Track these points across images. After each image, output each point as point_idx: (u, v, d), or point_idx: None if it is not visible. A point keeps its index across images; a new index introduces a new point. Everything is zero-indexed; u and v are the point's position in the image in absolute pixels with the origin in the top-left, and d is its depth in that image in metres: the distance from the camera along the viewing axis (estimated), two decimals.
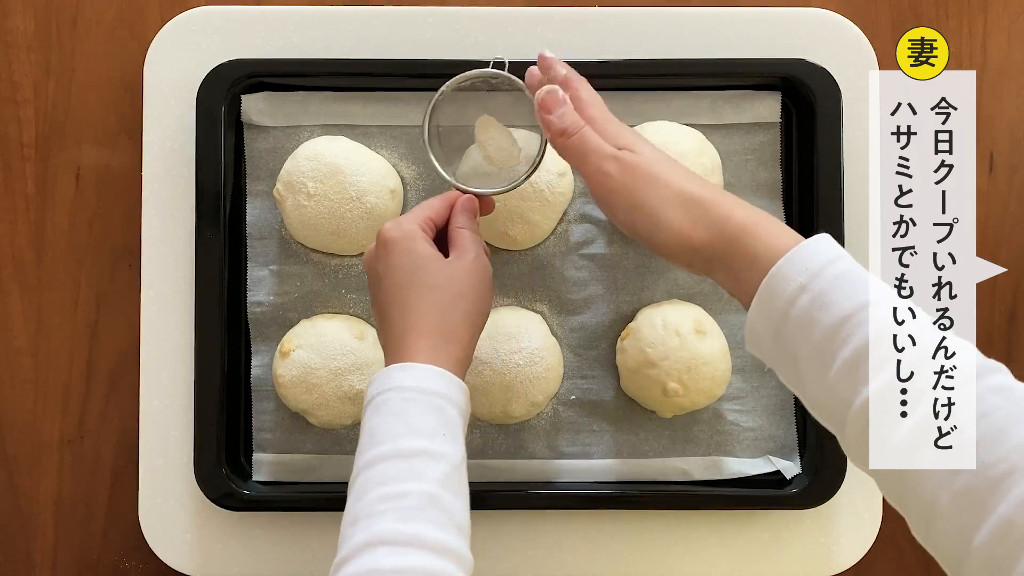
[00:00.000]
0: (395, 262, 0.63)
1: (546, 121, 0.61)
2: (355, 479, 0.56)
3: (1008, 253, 0.83)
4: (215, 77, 0.77)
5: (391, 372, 0.59)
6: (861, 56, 0.80)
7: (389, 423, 0.57)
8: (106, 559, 0.82)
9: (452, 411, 0.58)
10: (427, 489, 0.54)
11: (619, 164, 0.59)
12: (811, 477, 0.76)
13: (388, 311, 0.62)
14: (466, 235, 0.65)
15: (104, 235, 0.82)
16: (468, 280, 0.63)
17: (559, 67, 0.64)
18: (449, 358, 0.60)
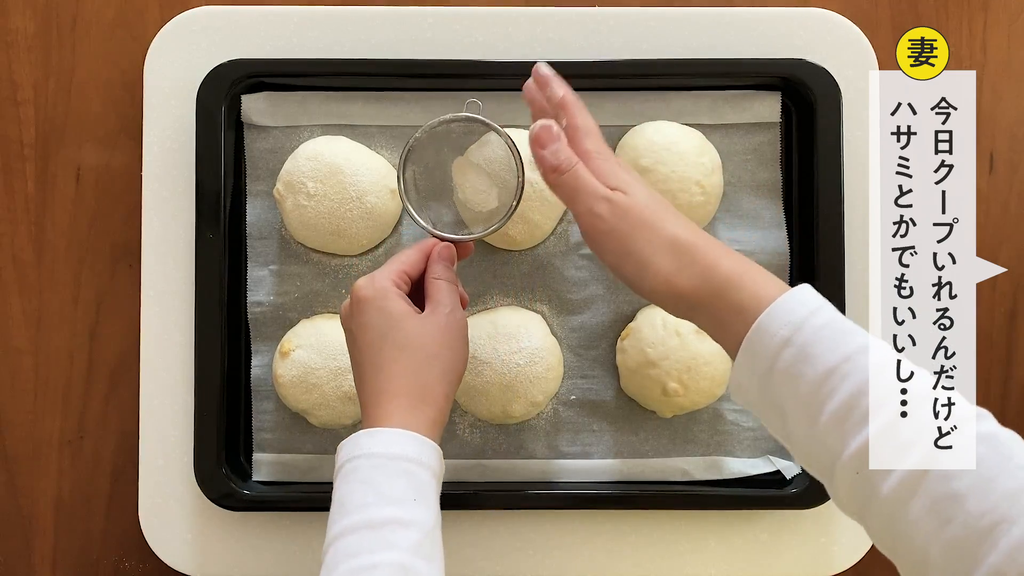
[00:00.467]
0: (367, 321, 0.62)
1: (539, 156, 0.60)
2: (326, 551, 0.56)
3: (1008, 253, 0.83)
4: (215, 77, 0.77)
5: (359, 439, 0.59)
6: (861, 56, 0.80)
7: (358, 492, 0.56)
8: (106, 559, 0.82)
9: (424, 474, 0.57)
10: (398, 559, 0.54)
11: (611, 206, 0.58)
12: (811, 477, 0.76)
13: (362, 371, 0.62)
14: (442, 287, 0.64)
15: (104, 235, 0.82)
16: (442, 338, 0.62)
17: (557, 87, 0.63)
18: (424, 419, 0.59)
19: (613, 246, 0.58)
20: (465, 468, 0.79)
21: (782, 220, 0.80)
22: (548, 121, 0.60)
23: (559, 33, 0.80)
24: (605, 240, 0.58)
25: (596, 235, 0.58)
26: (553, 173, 0.59)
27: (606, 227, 0.57)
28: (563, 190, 0.59)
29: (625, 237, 0.57)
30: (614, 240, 0.57)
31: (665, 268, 0.56)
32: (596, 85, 0.79)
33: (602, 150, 0.60)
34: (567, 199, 0.59)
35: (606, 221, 0.57)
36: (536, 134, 0.60)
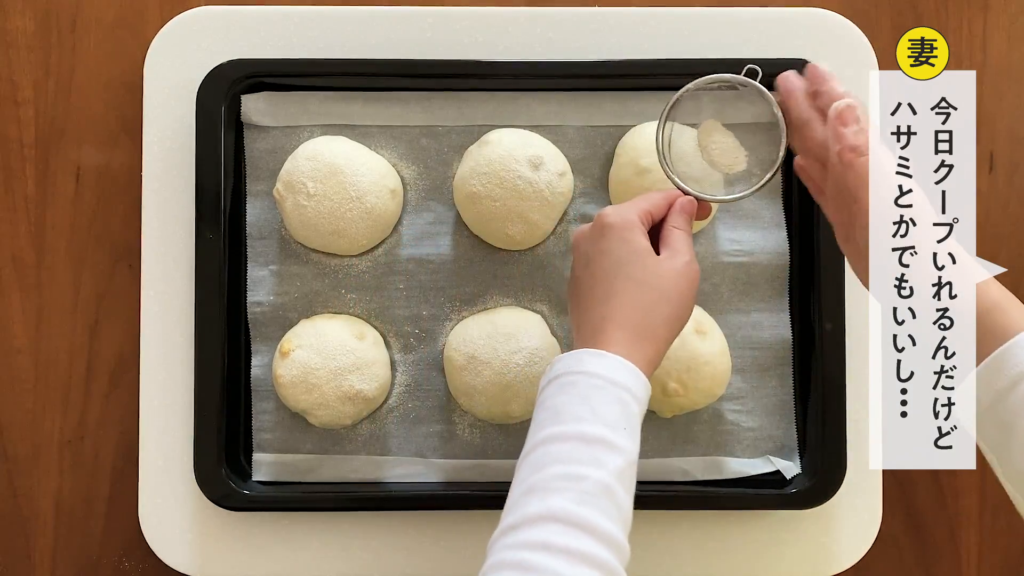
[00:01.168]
0: (608, 248, 0.63)
1: (839, 133, 0.60)
2: (533, 449, 0.57)
3: (1008, 253, 0.83)
4: (215, 77, 0.77)
5: (583, 356, 0.59)
6: (861, 56, 0.80)
7: (575, 405, 0.57)
8: (106, 559, 0.82)
9: (635, 407, 0.58)
10: (604, 478, 0.54)
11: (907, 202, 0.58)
12: (811, 477, 0.76)
13: (591, 295, 0.63)
14: (681, 236, 0.65)
15: (104, 235, 0.82)
16: (677, 283, 0.62)
17: (838, 83, 0.63)
18: (643, 356, 0.60)
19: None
20: (465, 468, 0.79)
21: (782, 220, 0.80)
22: (853, 100, 0.61)
23: (559, 33, 0.80)
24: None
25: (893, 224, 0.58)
26: (851, 152, 0.59)
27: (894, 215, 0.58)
28: (858, 171, 0.59)
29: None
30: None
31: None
32: (596, 85, 0.79)
33: (885, 145, 0.61)
34: (860, 183, 0.59)
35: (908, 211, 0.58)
36: (841, 111, 0.60)
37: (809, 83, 0.65)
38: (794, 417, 0.79)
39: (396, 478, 0.79)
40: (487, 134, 0.77)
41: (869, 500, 0.79)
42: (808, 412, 0.78)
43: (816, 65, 0.64)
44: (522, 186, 0.74)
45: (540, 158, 0.75)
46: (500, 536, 0.54)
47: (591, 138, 0.79)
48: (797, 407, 0.79)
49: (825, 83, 0.63)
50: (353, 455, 0.79)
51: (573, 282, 0.66)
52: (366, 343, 0.77)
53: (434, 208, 0.80)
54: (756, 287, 0.79)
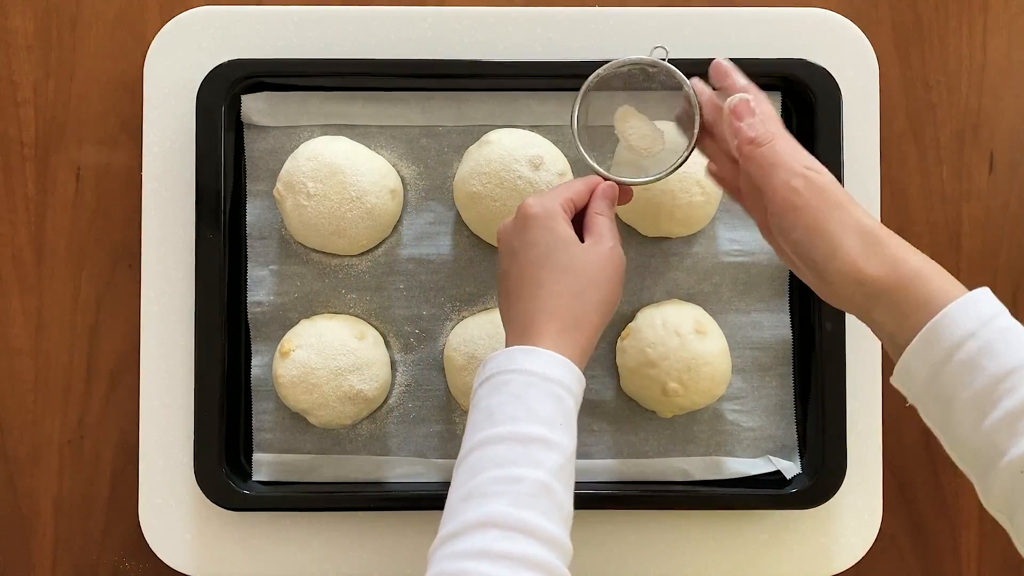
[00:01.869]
0: (533, 239, 0.62)
1: (735, 128, 0.61)
2: (468, 453, 0.56)
3: (1008, 253, 0.83)
4: (215, 77, 0.77)
5: (514, 353, 0.59)
6: (861, 56, 0.80)
7: (509, 405, 0.57)
8: (106, 559, 0.82)
9: (570, 401, 0.58)
10: (541, 478, 0.54)
11: (807, 182, 0.58)
12: (811, 477, 0.76)
13: (519, 288, 0.62)
14: (604, 222, 0.65)
15: (104, 235, 0.82)
16: (604, 269, 0.62)
17: (738, 76, 0.64)
18: (574, 346, 0.60)
19: (805, 222, 0.58)
20: None
21: None
22: (746, 95, 0.61)
23: (559, 33, 0.80)
24: (798, 216, 0.58)
25: (789, 210, 0.58)
26: (750, 145, 0.60)
27: (802, 202, 0.58)
28: (759, 162, 0.60)
29: (819, 215, 0.57)
30: (807, 217, 0.58)
31: (854, 251, 0.56)
32: None
33: (786, 133, 0.61)
34: (761, 172, 0.59)
35: (802, 196, 0.58)
36: (735, 107, 0.61)
37: (712, 79, 0.65)
38: (794, 417, 0.79)
39: (396, 478, 0.79)
40: (487, 134, 0.77)
41: (869, 500, 0.79)
42: (808, 412, 0.78)
43: (719, 61, 0.65)
44: (522, 186, 0.74)
45: (540, 158, 0.75)
46: (440, 545, 0.53)
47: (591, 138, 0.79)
48: (797, 407, 0.79)
49: (726, 78, 0.64)
50: (353, 455, 0.79)
51: (500, 277, 0.65)
52: (366, 343, 0.77)
53: (434, 208, 0.80)
54: (756, 287, 0.79)
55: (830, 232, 0.57)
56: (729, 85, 0.64)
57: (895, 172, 0.82)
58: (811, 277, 0.59)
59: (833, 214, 0.57)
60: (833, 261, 0.57)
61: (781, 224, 0.59)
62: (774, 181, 0.59)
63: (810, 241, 0.57)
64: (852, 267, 0.56)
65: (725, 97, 0.63)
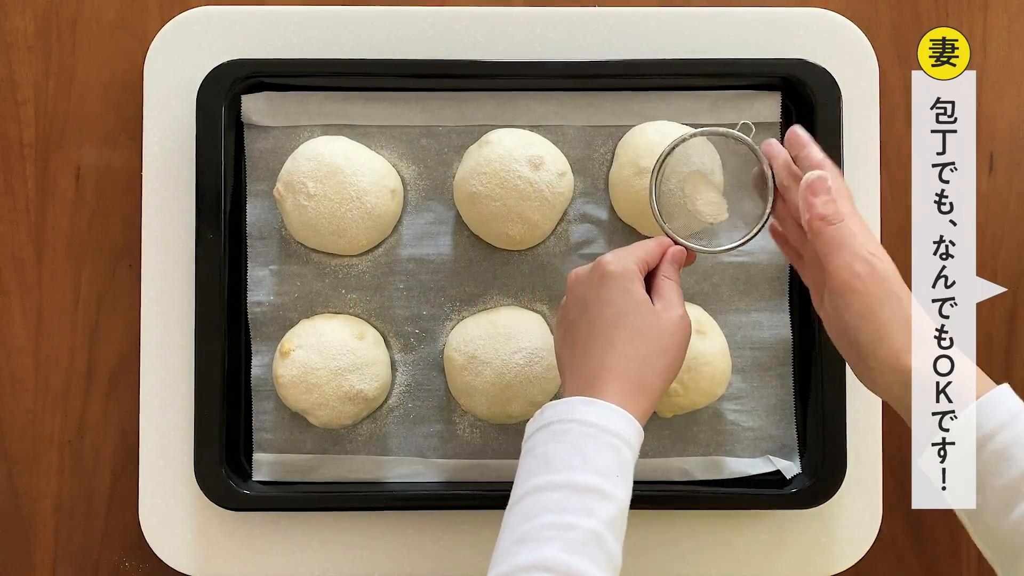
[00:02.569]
0: (610, 297, 0.63)
1: (810, 203, 0.62)
2: (523, 498, 0.57)
3: (1008, 253, 0.83)
4: (215, 77, 0.77)
5: (575, 404, 0.60)
6: (861, 56, 0.80)
7: (566, 453, 0.57)
8: (106, 559, 0.82)
9: (627, 454, 0.59)
10: (595, 527, 0.55)
11: (870, 269, 0.59)
12: (811, 477, 0.76)
13: (587, 342, 0.63)
14: (673, 287, 0.65)
15: (104, 235, 0.82)
16: (674, 337, 0.63)
17: (815, 149, 0.65)
18: (637, 407, 0.60)
19: (859, 307, 0.59)
20: (465, 468, 0.79)
21: None
22: (823, 172, 0.63)
23: (559, 33, 0.80)
24: (853, 299, 0.59)
25: (847, 292, 0.60)
26: (821, 222, 0.61)
27: (861, 287, 0.59)
28: (826, 240, 0.61)
29: (875, 302, 0.59)
30: (863, 302, 0.59)
31: (899, 343, 0.58)
32: (596, 85, 0.79)
33: (857, 213, 0.62)
34: (828, 250, 0.61)
35: (863, 282, 0.59)
36: (811, 183, 0.62)
37: (789, 147, 0.66)
38: (794, 417, 0.79)
39: (396, 478, 0.79)
40: (487, 134, 0.77)
41: (869, 500, 0.79)
42: (808, 412, 0.78)
43: (796, 130, 0.66)
44: (522, 186, 0.74)
45: (540, 158, 0.75)
46: None
47: (591, 138, 0.79)
48: (797, 407, 0.79)
49: (803, 148, 0.65)
50: (353, 455, 0.79)
51: (567, 326, 0.65)
52: (366, 343, 0.77)
53: (434, 208, 0.80)
54: (756, 287, 0.79)
55: (881, 320, 0.59)
56: (805, 155, 0.65)
57: (895, 172, 0.82)
58: (853, 358, 0.61)
59: (888, 304, 0.59)
60: (879, 348, 0.59)
61: (836, 303, 0.60)
62: (837, 260, 0.60)
63: (860, 325, 0.59)
64: (895, 357, 0.58)
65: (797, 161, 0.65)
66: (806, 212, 0.62)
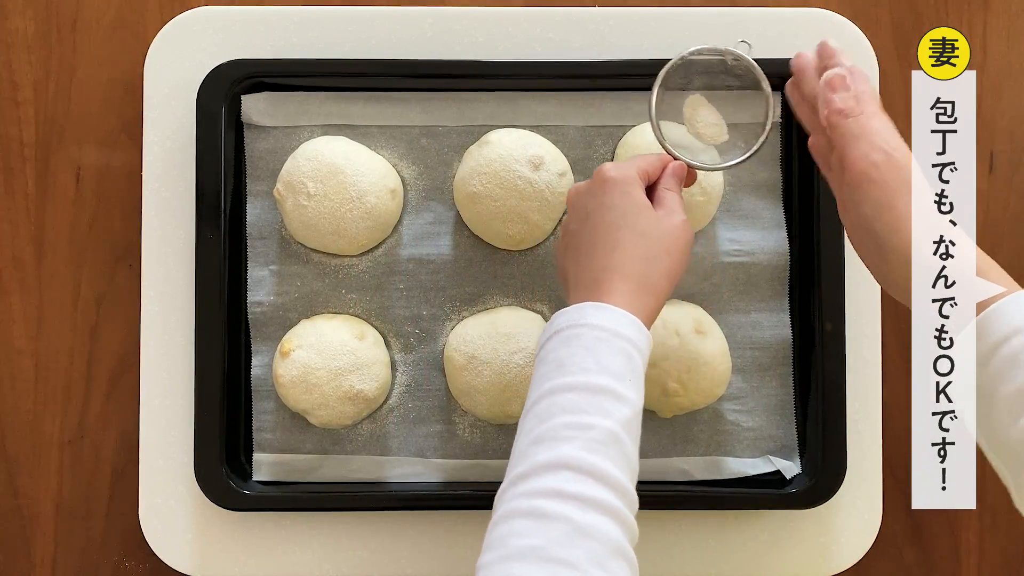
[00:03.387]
0: (610, 202, 0.63)
1: (828, 98, 0.61)
2: (538, 401, 0.57)
3: (1008, 253, 0.83)
4: (215, 77, 0.77)
5: (585, 309, 0.60)
6: (861, 56, 0.80)
7: (580, 356, 0.57)
8: (106, 559, 0.82)
9: (638, 359, 0.59)
10: (612, 427, 0.55)
11: (887, 158, 0.59)
12: (811, 477, 0.76)
13: (592, 247, 0.63)
14: (675, 198, 0.66)
15: (104, 235, 0.82)
16: (677, 239, 0.64)
17: (844, 58, 0.64)
18: (644, 309, 0.61)
19: (877, 196, 0.58)
20: (465, 468, 0.79)
21: (782, 220, 0.80)
22: (842, 70, 0.62)
23: (559, 33, 0.80)
24: (871, 188, 0.59)
25: (865, 182, 0.59)
26: (838, 115, 0.61)
27: (879, 176, 0.58)
28: (842, 133, 0.60)
29: (892, 191, 0.58)
30: (880, 191, 0.58)
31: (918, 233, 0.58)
32: (596, 85, 0.79)
33: (881, 112, 0.62)
34: (844, 143, 0.60)
35: (880, 171, 0.58)
36: (830, 79, 0.62)
37: (818, 60, 0.66)
38: (794, 417, 0.79)
39: (396, 478, 0.79)
40: (487, 134, 0.77)
41: (869, 500, 0.79)
42: (808, 412, 0.78)
43: (826, 42, 0.65)
44: (522, 186, 0.74)
45: (540, 158, 0.75)
46: (509, 486, 0.54)
47: (591, 138, 0.79)
48: (797, 407, 0.79)
49: (832, 58, 0.64)
50: (353, 455, 0.79)
51: (568, 236, 0.66)
52: (366, 343, 0.77)
53: (434, 208, 0.80)
54: (756, 287, 0.79)
55: (898, 209, 0.58)
56: (835, 64, 0.64)
57: None
58: (870, 250, 0.60)
59: (905, 194, 0.58)
60: (894, 237, 0.58)
61: (854, 195, 0.60)
62: (854, 152, 0.60)
63: (877, 214, 0.58)
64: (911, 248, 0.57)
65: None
66: (824, 108, 0.61)
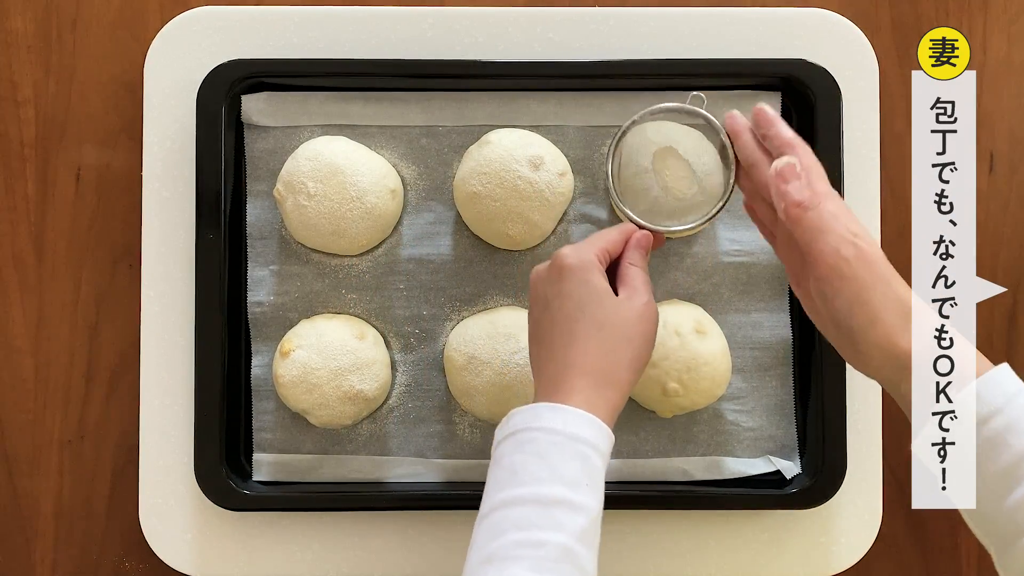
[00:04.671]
0: (568, 290, 0.62)
1: (782, 191, 0.60)
2: (490, 512, 0.56)
3: (1008, 253, 0.83)
4: (215, 77, 0.77)
5: (539, 410, 0.58)
6: (861, 56, 0.80)
7: (532, 464, 0.56)
8: (106, 559, 0.82)
9: (597, 461, 0.58)
10: (564, 542, 0.54)
11: (858, 252, 0.58)
12: (811, 477, 0.76)
13: (551, 340, 0.62)
14: (639, 274, 0.64)
15: (104, 235, 0.82)
16: (638, 325, 0.62)
17: (783, 127, 0.63)
18: (606, 404, 0.59)
19: (849, 293, 0.58)
20: (465, 468, 0.79)
21: None
22: (792, 158, 0.61)
23: (559, 33, 0.80)
24: (843, 285, 0.58)
25: (836, 278, 0.58)
26: (797, 208, 0.59)
27: (849, 272, 0.57)
28: (806, 226, 0.59)
29: (864, 287, 0.57)
30: (853, 287, 0.57)
31: (892, 325, 0.57)
32: (596, 85, 0.79)
33: (834, 193, 0.61)
34: (809, 236, 0.59)
35: (851, 266, 0.58)
36: (780, 170, 0.60)
37: (756, 126, 0.65)
38: (794, 417, 0.79)
39: (396, 478, 0.79)
40: (487, 134, 0.77)
41: (869, 500, 0.79)
42: (808, 412, 0.78)
43: (763, 108, 0.64)
44: (522, 186, 0.74)
45: (540, 158, 0.75)
46: None
47: (591, 138, 0.79)
48: (797, 407, 0.79)
49: (771, 127, 0.63)
50: (353, 455, 0.79)
51: (532, 326, 0.65)
52: (366, 343, 0.77)
53: (434, 208, 0.80)
54: (756, 287, 0.79)
55: (872, 304, 0.57)
56: (773, 135, 0.63)
57: (895, 172, 0.82)
58: (843, 342, 0.60)
59: (878, 287, 0.57)
60: (870, 332, 0.57)
61: (824, 289, 0.59)
62: (821, 246, 0.58)
63: (850, 312, 0.58)
64: (887, 340, 0.57)
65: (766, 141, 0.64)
66: (780, 201, 0.60)
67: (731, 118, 0.66)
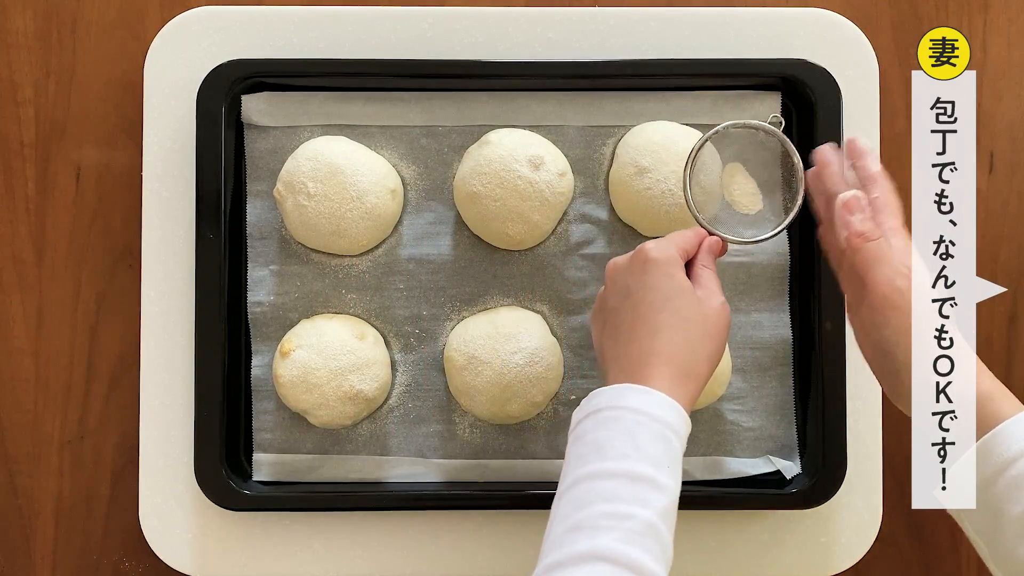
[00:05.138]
0: (653, 283, 0.63)
1: (846, 221, 0.62)
2: (575, 484, 0.56)
3: (1008, 253, 0.83)
4: (215, 77, 0.77)
5: (625, 391, 0.59)
6: (861, 56, 0.80)
7: (619, 441, 0.57)
8: (106, 559, 0.82)
9: (677, 445, 0.58)
10: (650, 518, 0.54)
11: (910, 284, 0.59)
12: (811, 477, 0.76)
13: (632, 329, 0.63)
14: (712, 276, 0.66)
15: (104, 235, 0.82)
16: (718, 322, 0.63)
17: (871, 162, 0.65)
18: (685, 394, 0.60)
19: (899, 323, 0.59)
20: (465, 468, 0.79)
21: None
22: (859, 193, 0.63)
23: (559, 33, 0.80)
24: (894, 315, 0.59)
25: (887, 308, 0.60)
26: (859, 238, 0.62)
27: (903, 303, 0.59)
28: (864, 256, 0.61)
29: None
30: (903, 317, 0.59)
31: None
32: (596, 85, 0.79)
33: (903, 231, 0.62)
34: (866, 266, 0.61)
35: (904, 297, 0.59)
36: (847, 201, 0.63)
37: (848, 156, 0.66)
38: (794, 417, 0.79)
39: (396, 478, 0.79)
40: (487, 134, 0.77)
41: (869, 500, 0.79)
42: (808, 412, 0.78)
43: (855, 140, 0.66)
44: (522, 186, 0.74)
45: (540, 158, 0.75)
46: (544, 573, 0.53)
47: (591, 138, 0.79)
48: (797, 407, 0.79)
49: (860, 159, 0.65)
50: (353, 455, 0.79)
51: (606, 313, 0.66)
52: (366, 343, 0.77)
53: (434, 208, 0.80)
54: (756, 287, 0.79)
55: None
56: (860, 167, 0.65)
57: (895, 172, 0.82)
58: (887, 371, 0.61)
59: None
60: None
61: (876, 318, 0.60)
62: (877, 275, 0.60)
63: (899, 340, 0.59)
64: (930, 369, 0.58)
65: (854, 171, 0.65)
66: (843, 230, 0.62)
67: (820, 151, 0.68)
